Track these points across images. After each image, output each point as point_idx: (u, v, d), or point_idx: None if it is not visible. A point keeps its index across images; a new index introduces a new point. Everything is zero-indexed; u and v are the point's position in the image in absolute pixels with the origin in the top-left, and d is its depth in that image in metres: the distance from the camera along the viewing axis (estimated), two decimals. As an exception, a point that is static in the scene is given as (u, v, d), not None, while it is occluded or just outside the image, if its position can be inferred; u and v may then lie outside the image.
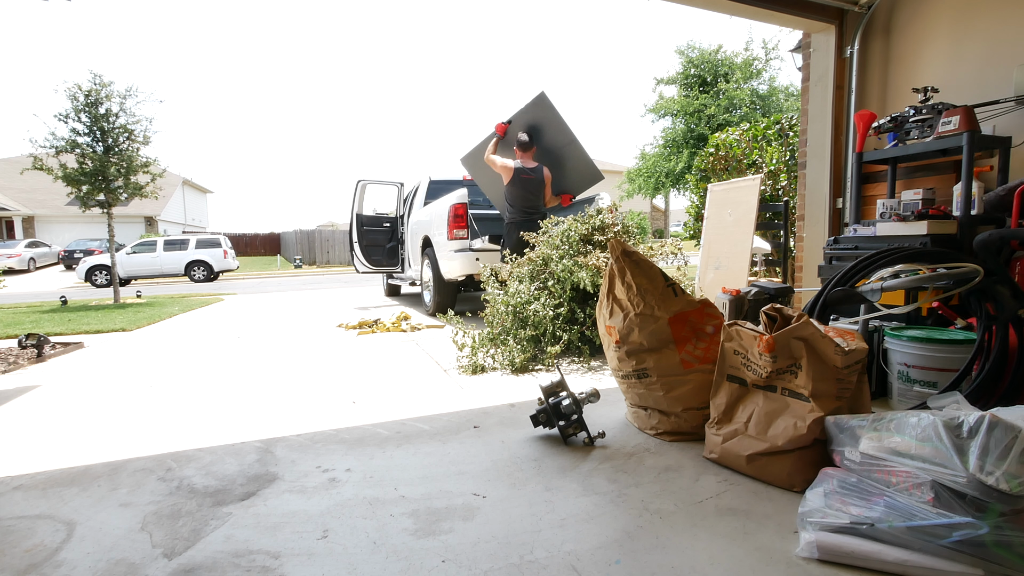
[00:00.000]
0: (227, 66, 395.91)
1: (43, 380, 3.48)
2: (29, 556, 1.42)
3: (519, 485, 1.77)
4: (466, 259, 5.45)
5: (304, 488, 1.79)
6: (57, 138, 8.27)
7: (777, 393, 1.74)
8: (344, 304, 7.85)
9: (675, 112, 21.19)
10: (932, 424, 1.29)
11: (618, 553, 1.37)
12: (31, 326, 5.84)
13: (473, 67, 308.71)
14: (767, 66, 20.93)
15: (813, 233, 4.20)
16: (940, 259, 2.27)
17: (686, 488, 1.72)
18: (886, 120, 3.15)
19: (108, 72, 40.11)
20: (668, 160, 21.00)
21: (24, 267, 21.43)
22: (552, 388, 2.18)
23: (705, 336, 2.11)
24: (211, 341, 4.86)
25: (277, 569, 1.34)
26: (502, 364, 3.40)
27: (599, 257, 3.58)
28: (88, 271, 16.51)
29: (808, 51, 4.21)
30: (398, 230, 7.70)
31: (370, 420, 2.47)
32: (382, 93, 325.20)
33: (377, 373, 3.42)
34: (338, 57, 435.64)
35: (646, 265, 2.15)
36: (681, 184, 20.25)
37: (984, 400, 2.02)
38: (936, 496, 1.23)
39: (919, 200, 2.84)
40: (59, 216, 26.55)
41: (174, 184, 29.74)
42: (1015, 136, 2.89)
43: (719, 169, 8.00)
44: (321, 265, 25.80)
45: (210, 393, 3.05)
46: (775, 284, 3.14)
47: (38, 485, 1.87)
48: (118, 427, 2.49)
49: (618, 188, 23.86)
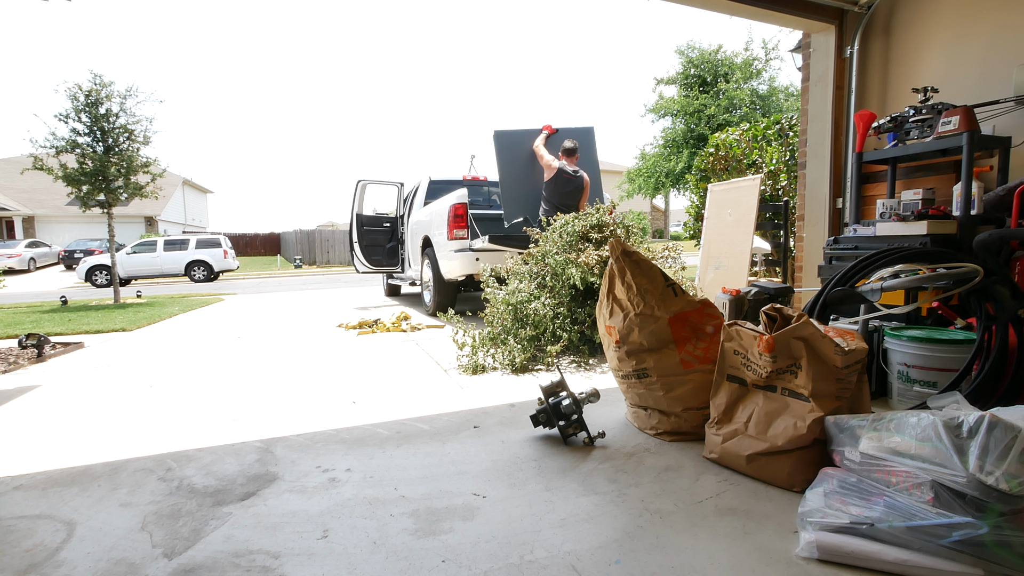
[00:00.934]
0: (227, 66, 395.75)
1: (43, 380, 3.48)
2: (29, 556, 1.43)
3: (519, 485, 1.77)
4: (466, 259, 5.45)
5: (304, 488, 1.79)
6: (57, 138, 8.27)
7: (777, 393, 1.74)
8: (344, 304, 7.85)
9: (675, 112, 21.19)
10: (932, 424, 1.29)
11: (618, 553, 1.37)
12: (31, 326, 5.84)
13: (473, 67, 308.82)
14: (767, 66, 20.93)
15: (813, 233, 4.20)
16: (940, 259, 2.28)
17: (686, 488, 1.72)
18: (886, 120, 3.15)
19: (108, 72, 40.11)
20: (668, 160, 20.99)
21: (24, 267, 21.44)
22: (552, 388, 2.18)
23: (705, 336, 2.11)
24: (211, 341, 4.87)
25: (277, 569, 1.34)
26: (502, 364, 3.40)
27: (592, 254, 3.59)
28: (88, 271, 16.51)
29: (808, 51, 4.21)
30: (398, 230, 7.70)
31: (370, 420, 2.47)
32: (382, 93, 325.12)
33: (377, 373, 3.42)
34: (338, 57, 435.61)
35: (646, 265, 2.15)
36: (681, 184, 20.25)
37: (984, 400, 2.02)
38: (936, 496, 1.23)
39: (919, 200, 2.84)
40: (59, 216, 26.55)
41: (174, 184, 29.75)
42: (1015, 136, 2.89)
43: (719, 169, 8.00)
44: (321, 265, 25.80)
45: (210, 393, 3.05)
46: (775, 284, 3.14)
47: (38, 485, 1.88)
48: (118, 427, 2.49)
49: (618, 188, 23.86)
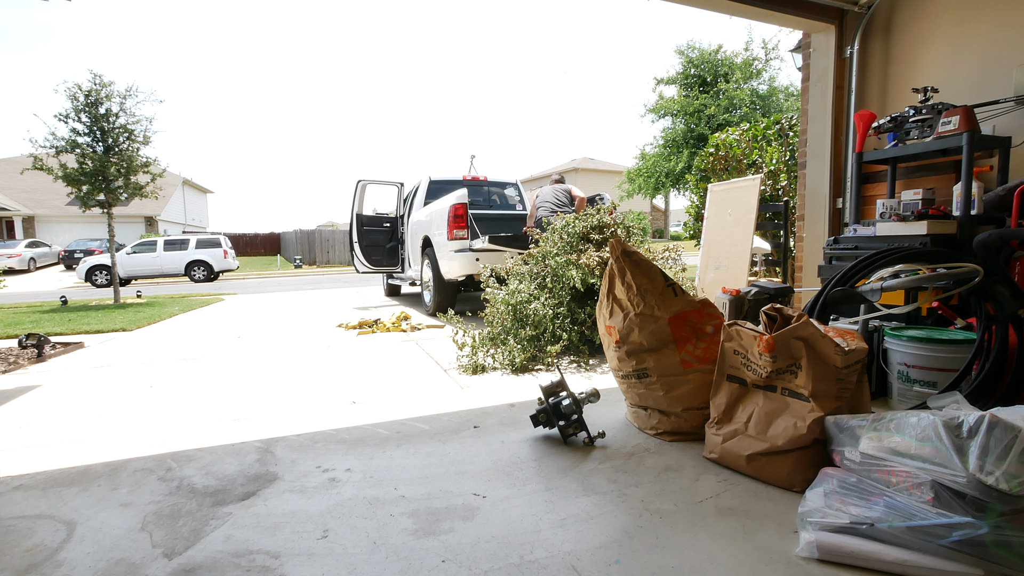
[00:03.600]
0: (227, 66, 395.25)
1: (43, 380, 3.48)
2: (29, 556, 1.43)
3: (519, 485, 1.77)
4: (466, 259, 5.45)
5: (304, 488, 1.79)
6: (57, 138, 8.27)
7: (777, 393, 1.74)
8: (344, 304, 7.85)
9: (675, 112, 21.20)
10: (932, 424, 1.29)
11: (618, 553, 1.37)
12: (31, 326, 5.84)
13: (473, 67, 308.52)
14: (767, 66, 20.95)
15: (813, 233, 4.20)
16: (940, 259, 2.27)
17: (686, 488, 1.72)
18: (886, 120, 3.15)
19: (108, 72, 40.10)
20: (668, 160, 21.00)
21: (24, 267, 21.43)
22: (552, 388, 2.18)
23: (705, 336, 2.11)
24: (211, 341, 4.86)
25: (277, 569, 1.34)
26: (502, 364, 3.40)
27: (592, 256, 3.59)
28: (88, 271, 16.51)
29: (808, 51, 4.21)
30: (398, 230, 7.70)
31: (370, 420, 2.47)
32: (383, 94, 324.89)
33: (377, 373, 3.42)
34: (338, 57, 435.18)
35: (646, 265, 2.15)
36: (681, 184, 20.25)
37: (984, 400, 2.02)
38: (936, 496, 1.23)
39: (919, 200, 2.84)
40: (59, 216, 26.55)
41: (174, 184, 29.75)
42: (1015, 136, 2.89)
43: (719, 169, 8.00)
44: (321, 265, 25.80)
45: (210, 393, 3.05)
46: (775, 284, 3.14)
47: (38, 485, 1.87)
48: (118, 427, 2.49)
49: (618, 188, 23.86)
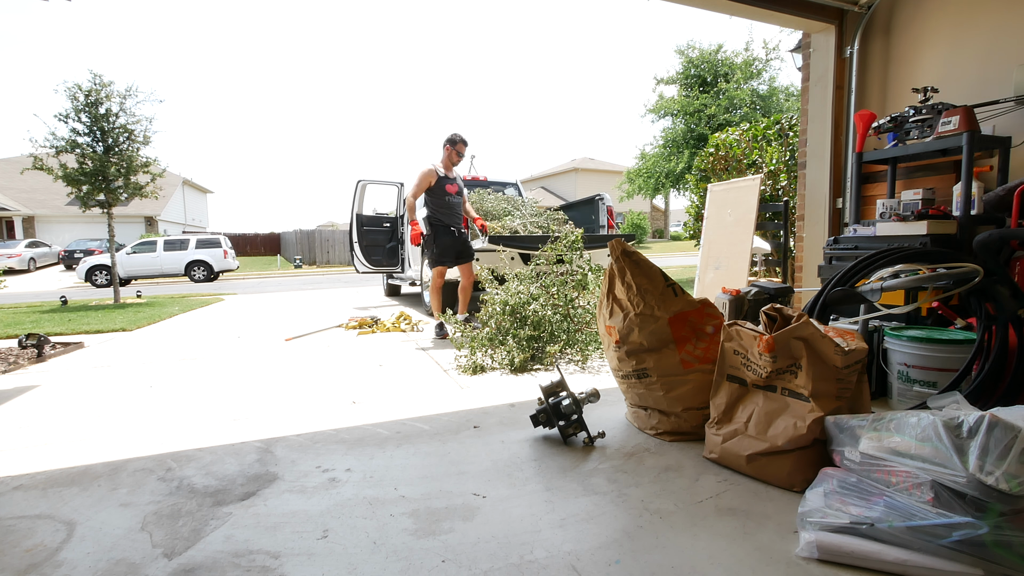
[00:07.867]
0: (227, 66, 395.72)
1: (43, 380, 3.48)
2: (29, 556, 1.43)
3: (519, 485, 1.77)
4: None
5: (304, 488, 1.79)
6: (57, 138, 8.26)
7: (777, 393, 1.74)
8: (344, 304, 7.85)
9: (675, 112, 21.16)
10: (932, 424, 1.29)
11: (618, 553, 1.37)
12: (31, 326, 5.84)
13: (473, 67, 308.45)
14: (767, 66, 20.90)
15: (813, 233, 4.20)
16: (940, 259, 2.27)
17: (686, 488, 1.72)
18: (886, 120, 3.15)
19: (108, 72, 40.10)
20: (668, 160, 20.96)
21: (24, 267, 21.42)
22: (552, 388, 2.18)
23: (705, 336, 2.11)
24: (211, 341, 4.86)
25: (277, 569, 1.34)
26: (502, 364, 3.40)
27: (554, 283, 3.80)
28: (88, 271, 16.50)
29: (808, 51, 4.21)
30: (398, 230, 7.70)
31: (370, 420, 2.47)
32: (382, 93, 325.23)
33: (377, 373, 3.42)
34: (338, 58, 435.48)
35: (646, 265, 2.15)
36: (681, 184, 20.21)
37: (984, 400, 2.02)
38: (936, 496, 1.23)
39: (919, 200, 2.84)
40: (59, 216, 26.53)
41: (174, 184, 29.74)
42: (1015, 136, 2.89)
43: (719, 169, 7.99)
44: (321, 265, 25.79)
45: (210, 393, 3.05)
46: (775, 284, 3.14)
47: (38, 485, 1.87)
48: (118, 427, 2.49)
49: (618, 188, 23.84)
